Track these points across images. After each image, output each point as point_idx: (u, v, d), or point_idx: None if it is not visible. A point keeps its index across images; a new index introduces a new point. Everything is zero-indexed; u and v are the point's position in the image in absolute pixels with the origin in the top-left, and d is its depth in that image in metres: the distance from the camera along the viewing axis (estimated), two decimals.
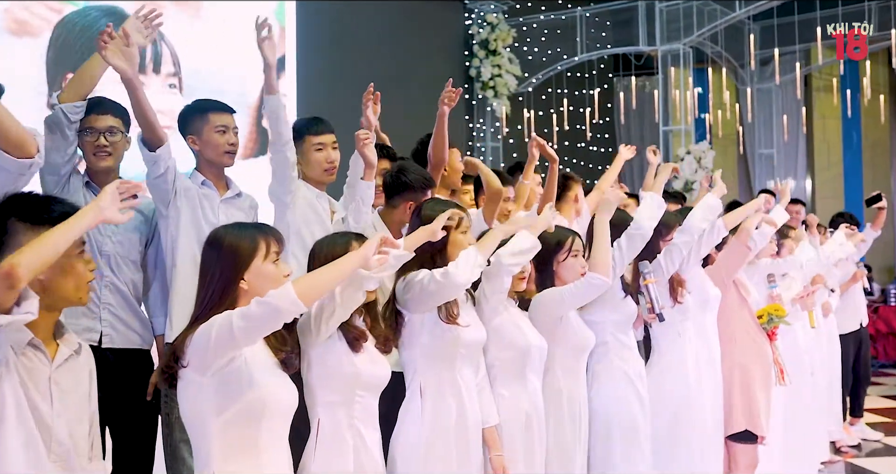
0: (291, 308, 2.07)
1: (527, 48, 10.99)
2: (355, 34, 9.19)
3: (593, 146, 11.89)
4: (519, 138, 11.04)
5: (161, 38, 7.48)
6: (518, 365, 3.09)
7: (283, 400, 2.25)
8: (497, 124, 10.87)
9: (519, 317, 3.18)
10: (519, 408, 3.06)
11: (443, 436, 2.80)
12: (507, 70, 10.47)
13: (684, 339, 3.92)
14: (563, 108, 11.14)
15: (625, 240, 3.55)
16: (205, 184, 3.38)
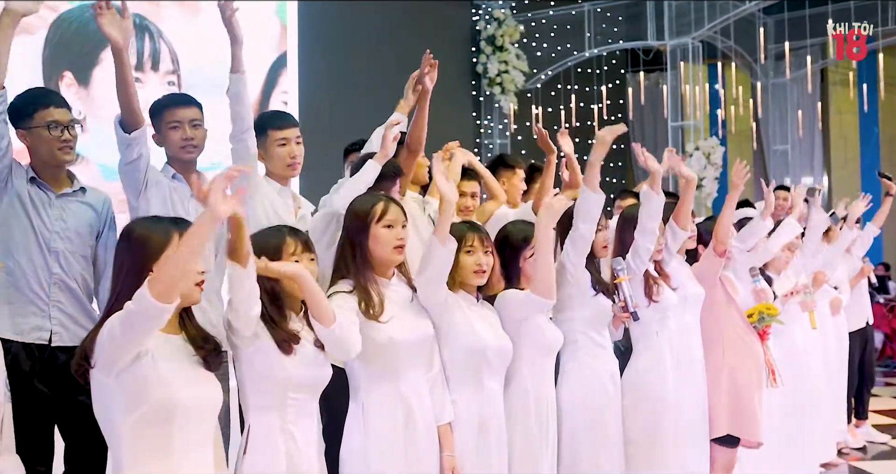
0: (153, 311, 1.97)
1: (535, 44, 10.87)
2: (359, 31, 9.13)
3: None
4: (527, 135, 10.93)
5: (160, 35, 7.49)
6: (472, 367, 2.98)
7: (197, 399, 2.16)
8: (505, 121, 10.77)
9: (479, 316, 3.07)
10: (472, 413, 2.95)
11: (388, 443, 2.70)
12: (514, 66, 10.36)
13: (662, 339, 3.79)
14: (571, 105, 11.02)
15: (568, 243, 3.44)
16: (175, 178, 3.34)
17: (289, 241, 2.56)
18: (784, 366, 4.88)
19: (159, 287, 1.96)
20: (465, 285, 3.08)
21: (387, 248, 2.82)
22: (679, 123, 10.02)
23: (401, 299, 2.86)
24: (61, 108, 3.17)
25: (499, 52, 10.33)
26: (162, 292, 1.96)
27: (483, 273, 3.05)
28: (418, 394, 2.79)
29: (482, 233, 3.08)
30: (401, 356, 2.76)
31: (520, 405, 3.17)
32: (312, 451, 2.51)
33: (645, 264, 3.73)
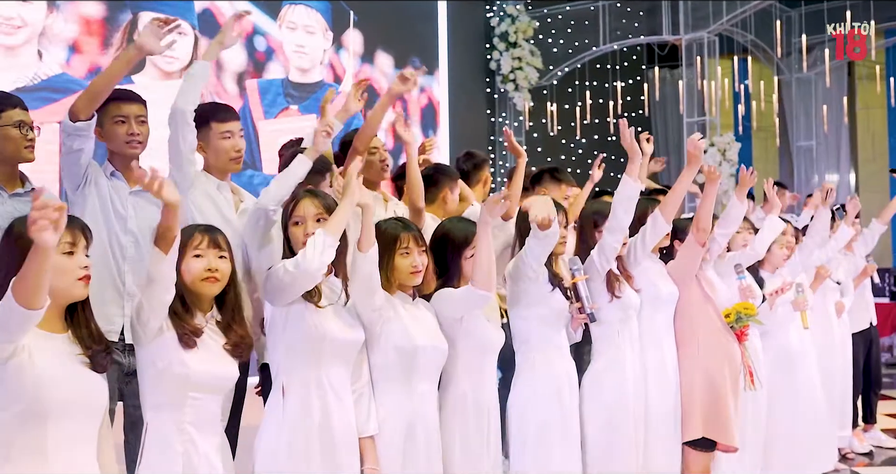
0: (18, 316, 1.94)
1: (551, 40, 10.74)
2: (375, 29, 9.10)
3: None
4: (543, 132, 10.82)
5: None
6: (403, 370, 2.92)
7: (73, 399, 2.13)
8: (520, 118, 10.65)
9: (414, 316, 3.00)
10: (400, 417, 2.90)
11: (304, 438, 2.66)
12: (527, 63, 10.24)
13: (623, 340, 3.69)
14: (590, 101, 10.87)
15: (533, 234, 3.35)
16: (114, 176, 3.33)
17: (196, 236, 2.54)
18: (776, 368, 4.76)
19: (22, 291, 1.92)
20: (402, 286, 3.02)
21: (297, 246, 2.80)
22: (695, 119, 9.81)
23: (335, 298, 2.82)
24: (25, 109, 3.23)
25: (512, 49, 10.22)
26: (26, 297, 1.92)
27: (419, 273, 3.00)
28: (338, 396, 2.74)
29: (416, 233, 3.02)
30: (327, 351, 2.73)
31: (457, 407, 3.11)
32: (215, 454, 2.46)
33: (609, 263, 3.62)
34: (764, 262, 4.91)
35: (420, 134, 9.79)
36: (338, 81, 8.93)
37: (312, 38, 8.71)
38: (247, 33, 8.15)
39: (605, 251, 3.60)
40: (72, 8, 6.91)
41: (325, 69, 8.82)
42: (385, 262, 2.90)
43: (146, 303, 2.36)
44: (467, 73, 10.30)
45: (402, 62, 9.51)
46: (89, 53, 7.02)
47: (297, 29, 8.60)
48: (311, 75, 8.70)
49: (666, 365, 3.91)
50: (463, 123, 10.09)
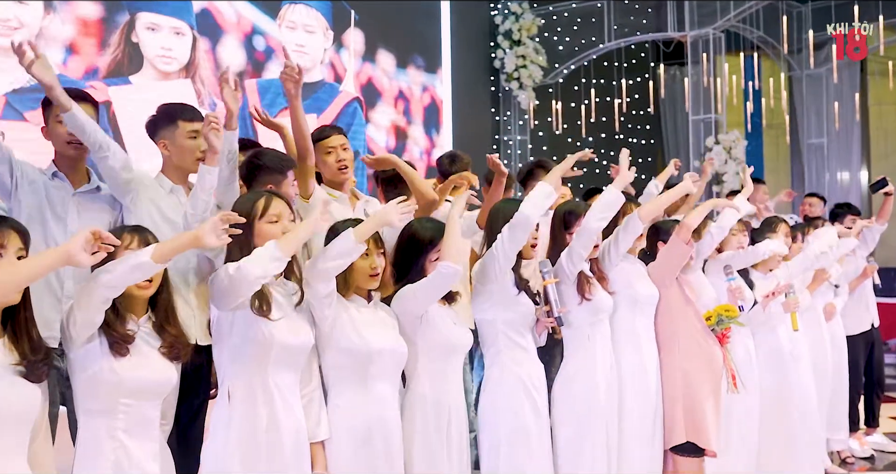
0: None
1: (557, 38, 10.65)
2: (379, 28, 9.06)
3: (632, 137, 11.48)
4: (548, 130, 10.73)
5: None
6: (358, 371, 2.87)
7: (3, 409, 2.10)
8: (526, 117, 10.58)
9: (370, 318, 2.95)
10: (356, 420, 2.85)
11: (251, 444, 2.62)
12: (532, 61, 10.16)
13: (594, 343, 3.62)
14: (597, 99, 10.77)
15: (506, 230, 3.30)
16: (56, 177, 3.30)
17: (125, 236, 2.52)
18: (767, 370, 4.67)
19: None
20: (358, 288, 2.97)
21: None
22: (701, 117, 9.70)
23: (286, 301, 2.78)
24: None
25: (516, 47, 10.15)
26: None
27: (377, 275, 2.95)
28: (286, 401, 2.70)
29: (375, 235, 2.97)
30: (274, 356, 2.68)
31: (416, 408, 3.07)
32: (150, 460, 2.42)
33: (578, 267, 3.56)
34: (757, 264, 4.82)
35: (423, 133, 9.75)
36: (338, 81, 8.90)
37: (312, 38, 8.68)
38: (245, 33, 8.13)
39: (573, 256, 3.54)
40: (69, 9, 6.91)
41: (326, 69, 8.79)
42: None
43: (80, 311, 2.31)
44: (471, 71, 10.24)
45: (403, 61, 9.48)
46: (86, 54, 7.02)
47: (297, 28, 8.58)
48: (312, 75, 8.66)
49: (645, 368, 3.84)
50: (467, 122, 10.03)
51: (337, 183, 3.95)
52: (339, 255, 2.74)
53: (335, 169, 3.91)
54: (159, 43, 7.46)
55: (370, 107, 9.17)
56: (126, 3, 7.28)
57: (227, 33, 7.96)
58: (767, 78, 10.92)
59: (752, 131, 11.56)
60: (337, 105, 8.90)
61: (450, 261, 2.98)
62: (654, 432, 3.83)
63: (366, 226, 2.81)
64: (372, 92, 9.21)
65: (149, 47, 7.40)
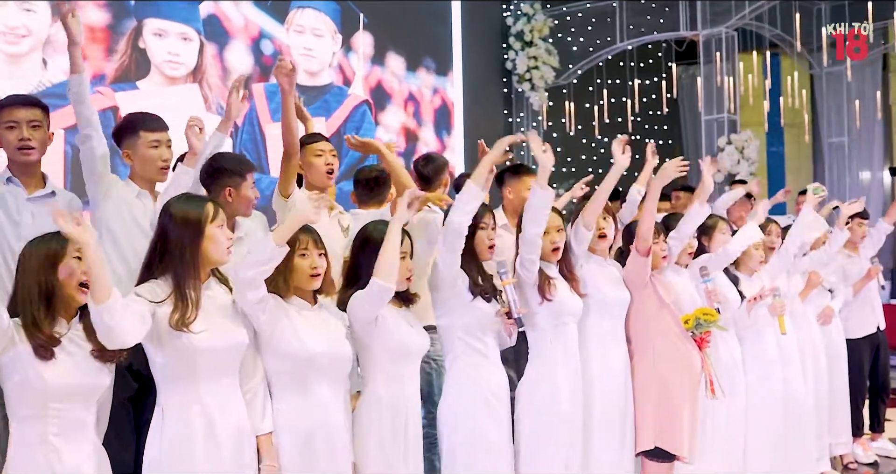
0: None
1: (571, 38, 10.59)
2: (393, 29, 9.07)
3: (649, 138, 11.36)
4: (561, 132, 10.67)
5: None
6: (298, 376, 2.87)
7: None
8: (539, 118, 10.53)
9: (313, 321, 2.94)
10: (297, 424, 2.84)
11: (186, 449, 2.62)
12: (543, 61, 10.11)
13: (556, 346, 3.58)
14: (612, 99, 10.69)
15: (440, 238, 3.30)
16: (10, 181, 3.36)
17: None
18: (754, 375, 4.60)
19: None
20: (300, 290, 2.96)
21: (221, 248, 2.76)
22: (714, 117, 9.58)
23: (215, 305, 2.78)
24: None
25: (528, 48, 10.11)
26: None
27: (318, 276, 2.94)
28: (222, 403, 2.70)
29: (315, 235, 2.97)
30: (201, 362, 2.68)
31: (372, 410, 3.07)
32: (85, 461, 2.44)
33: (532, 273, 3.52)
34: (739, 265, 4.75)
35: (434, 136, 9.75)
36: (347, 84, 8.93)
37: (320, 41, 8.72)
38: (253, 38, 8.20)
39: (524, 263, 3.51)
40: None
41: (334, 72, 8.83)
42: (283, 264, 2.85)
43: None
44: (483, 73, 10.22)
45: (413, 63, 9.49)
46: (93, 60, 7.10)
47: (305, 32, 8.62)
48: (320, 78, 8.71)
49: (613, 372, 3.79)
50: (479, 124, 10.01)
51: (319, 187, 3.99)
52: (259, 262, 2.72)
53: (323, 172, 3.96)
54: (166, 48, 7.54)
55: (379, 109, 9.19)
56: (134, 5, 7.36)
57: (234, 38, 8.03)
58: (786, 76, 10.75)
59: (772, 131, 11.42)
60: (346, 108, 8.93)
61: (379, 278, 2.96)
62: (622, 436, 3.79)
63: (284, 228, 2.78)
64: (381, 95, 9.23)
65: (156, 53, 7.48)
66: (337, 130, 8.82)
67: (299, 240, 2.90)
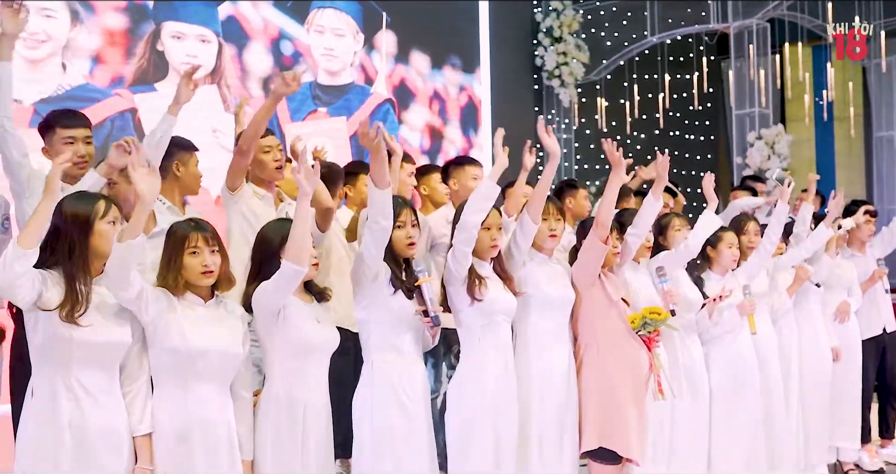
0: None
1: (604, 33, 10.42)
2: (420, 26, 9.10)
3: (689, 134, 11.14)
4: (594, 128, 10.51)
5: None
6: (180, 371, 2.90)
7: None
8: (571, 114, 10.39)
9: (205, 318, 2.97)
10: (175, 419, 2.88)
11: (53, 439, 2.69)
12: (573, 57, 9.97)
13: (485, 345, 3.54)
14: (650, 94, 10.48)
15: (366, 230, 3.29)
16: None
17: None
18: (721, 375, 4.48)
19: None
20: (194, 286, 2.99)
21: (109, 242, 2.81)
22: (745, 111, 9.29)
23: (102, 300, 2.83)
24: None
25: (557, 44, 9.98)
26: None
27: (210, 273, 2.96)
28: (96, 398, 2.76)
29: (207, 233, 2.99)
30: (77, 354, 2.74)
31: (270, 407, 3.09)
32: None
33: (464, 266, 3.49)
34: (712, 263, 4.60)
35: (460, 134, 9.73)
36: (369, 83, 8.98)
37: (342, 41, 8.78)
38: (272, 38, 8.31)
39: (456, 254, 3.48)
40: (95, 21, 7.22)
41: (356, 71, 8.88)
42: (174, 262, 2.89)
43: None
44: (512, 70, 10.14)
45: (439, 61, 9.48)
46: (112, 63, 7.31)
47: (326, 32, 8.69)
48: (341, 77, 8.78)
49: (553, 371, 3.73)
50: (508, 121, 9.86)
51: (266, 182, 4.07)
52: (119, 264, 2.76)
53: (273, 168, 4.06)
54: (185, 50, 7.69)
55: (403, 108, 9.22)
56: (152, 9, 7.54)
57: (253, 39, 8.16)
58: (832, 68, 10.35)
59: (823, 125, 11.03)
60: (368, 107, 8.97)
61: (289, 260, 2.97)
62: (561, 436, 3.72)
63: (133, 222, 2.79)
64: (405, 93, 9.25)
65: (174, 55, 7.65)
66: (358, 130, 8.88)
67: (189, 238, 2.94)
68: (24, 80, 6.79)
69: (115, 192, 3.57)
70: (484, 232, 3.54)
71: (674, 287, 4.15)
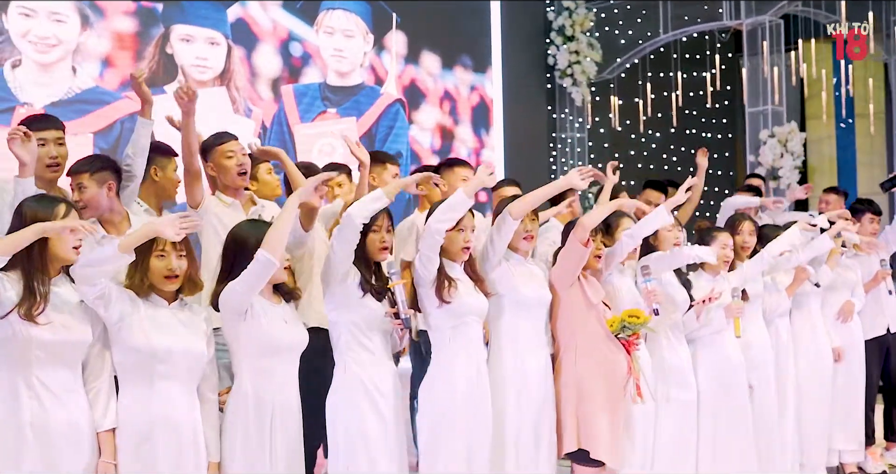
0: None
1: (618, 32, 10.36)
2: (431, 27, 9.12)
3: (706, 132, 11.03)
4: (607, 127, 10.46)
5: None
6: (143, 371, 2.94)
7: None
8: (585, 113, 10.35)
9: (170, 319, 3.00)
10: (139, 418, 2.92)
11: (14, 437, 2.74)
12: (585, 55, 9.92)
13: (456, 347, 3.53)
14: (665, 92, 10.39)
15: (335, 231, 3.33)
16: None
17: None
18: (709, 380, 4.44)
19: None
20: (158, 289, 3.02)
21: (67, 247, 2.87)
22: (759, 109, 9.18)
23: (61, 300, 2.88)
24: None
25: (569, 42, 9.94)
26: None
27: (174, 279, 3.00)
28: (57, 396, 2.80)
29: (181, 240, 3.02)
30: (36, 354, 2.78)
31: (239, 407, 3.12)
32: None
33: (431, 269, 3.49)
34: (704, 264, 4.56)
35: (471, 133, 9.72)
36: (379, 83, 9.00)
37: (351, 42, 8.80)
38: (282, 40, 8.36)
39: (422, 259, 3.48)
40: (105, 24, 7.32)
41: (366, 72, 8.91)
42: (141, 263, 2.93)
43: None
44: (525, 69, 10.12)
45: (450, 61, 9.49)
46: (121, 67, 7.39)
47: (335, 33, 8.72)
48: (351, 78, 8.80)
49: (528, 372, 3.71)
50: (520, 121, 9.92)
51: (232, 189, 4.06)
52: (98, 261, 2.79)
53: (236, 173, 4.02)
54: (194, 53, 7.77)
55: (413, 108, 9.23)
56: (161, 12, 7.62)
57: (262, 41, 8.21)
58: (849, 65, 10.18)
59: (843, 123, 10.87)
60: (378, 107, 9.00)
61: (265, 250, 3.02)
62: (537, 438, 3.70)
63: (134, 237, 2.84)
64: (415, 93, 9.26)
65: (183, 57, 7.72)
66: (369, 130, 8.92)
67: (157, 240, 2.97)
68: (35, 84, 6.93)
69: (84, 197, 3.62)
70: (457, 233, 3.54)
71: (658, 286, 4.11)
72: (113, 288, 2.90)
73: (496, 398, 3.63)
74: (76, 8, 7.10)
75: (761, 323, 4.78)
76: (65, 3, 7.05)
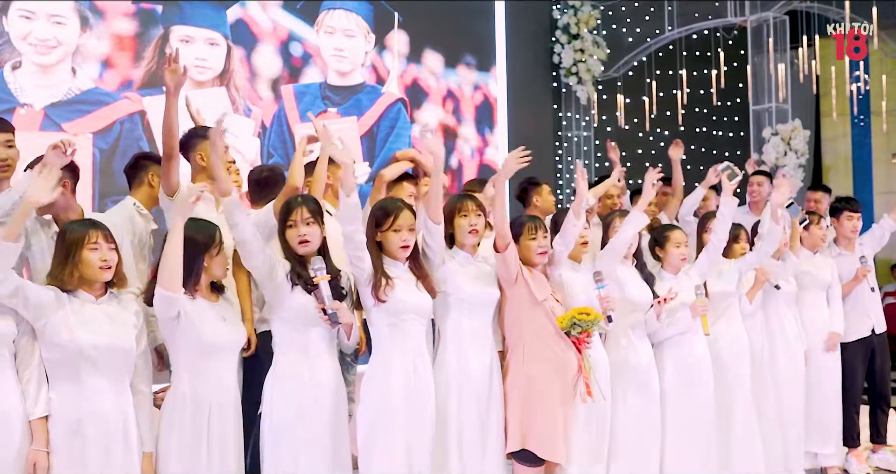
0: None
1: (626, 29, 10.28)
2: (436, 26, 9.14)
3: (715, 130, 10.90)
4: (614, 125, 10.38)
5: None
6: (69, 366, 3.00)
7: None
8: (592, 112, 10.28)
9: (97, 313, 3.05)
10: (67, 413, 2.98)
11: None
12: (590, 54, 9.86)
13: (393, 344, 3.53)
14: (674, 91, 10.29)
15: None
16: None
17: None
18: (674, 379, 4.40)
19: None
20: (86, 282, 3.07)
21: None
22: (764, 106, 9.05)
23: None
24: None
25: (574, 41, 9.89)
26: None
27: (109, 268, 3.05)
28: None
29: (105, 230, 3.07)
30: None
31: (175, 406, 3.17)
32: None
33: (363, 270, 3.48)
34: (664, 263, 4.52)
35: (475, 132, 9.71)
36: (381, 83, 9.02)
37: (352, 42, 8.82)
38: (282, 40, 8.41)
39: (352, 261, 3.48)
40: (104, 26, 7.42)
41: (367, 71, 8.93)
42: (71, 257, 2.98)
43: None
44: (529, 68, 10.08)
45: (453, 60, 9.48)
46: (121, 68, 7.49)
47: (336, 33, 8.75)
48: (352, 78, 8.83)
49: (472, 371, 3.70)
50: (525, 120, 9.89)
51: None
52: None
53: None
54: (193, 53, 7.84)
55: (415, 107, 9.24)
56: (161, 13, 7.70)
57: (262, 42, 8.27)
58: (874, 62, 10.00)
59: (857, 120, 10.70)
60: (379, 106, 9.02)
61: (161, 286, 3.07)
62: (483, 437, 3.69)
63: (14, 221, 2.87)
64: (417, 92, 9.27)
65: (183, 58, 7.76)
66: (370, 129, 8.95)
67: (89, 234, 3.02)
68: (35, 85, 7.04)
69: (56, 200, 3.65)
70: (392, 234, 3.53)
71: (611, 292, 4.08)
72: (29, 285, 2.95)
73: (440, 397, 3.62)
74: (76, 9, 7.20)
75: (738, 320, 4.74)
76: (64, 4, 7.15)
